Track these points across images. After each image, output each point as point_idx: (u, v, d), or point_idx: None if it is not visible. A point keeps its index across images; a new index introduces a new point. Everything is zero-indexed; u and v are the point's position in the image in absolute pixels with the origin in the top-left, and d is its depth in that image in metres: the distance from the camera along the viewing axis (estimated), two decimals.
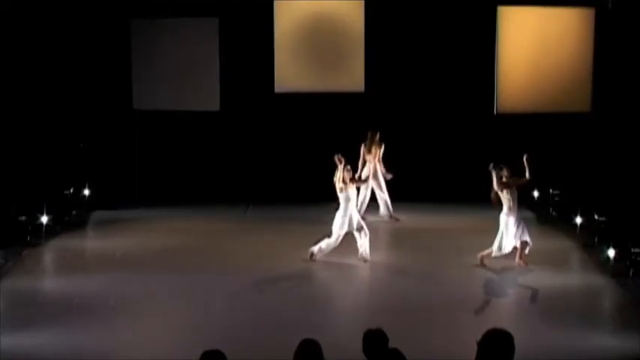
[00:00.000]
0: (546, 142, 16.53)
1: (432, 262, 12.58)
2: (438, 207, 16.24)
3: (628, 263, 11.93)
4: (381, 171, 15.32)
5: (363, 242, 12.33)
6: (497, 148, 16.67)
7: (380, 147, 15.34)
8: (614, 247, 12.20)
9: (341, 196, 12.34)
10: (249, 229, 14.97)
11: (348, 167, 12.51)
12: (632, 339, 9.16)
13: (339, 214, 12.35)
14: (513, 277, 11.70)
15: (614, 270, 11.87)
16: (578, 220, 14.26)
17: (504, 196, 12.05)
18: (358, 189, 13.61)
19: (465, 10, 16.64)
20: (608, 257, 12.22)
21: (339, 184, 12.28)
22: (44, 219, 14.06)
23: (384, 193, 15.43)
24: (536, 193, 16.25)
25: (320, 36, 16.84)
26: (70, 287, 11.33)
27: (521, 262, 12.02)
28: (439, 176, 16.83)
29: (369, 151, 15.34)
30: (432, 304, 10.72)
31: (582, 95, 16.58)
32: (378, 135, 15.35)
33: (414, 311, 10.63)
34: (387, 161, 15.46)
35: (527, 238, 11.99)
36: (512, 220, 11.98)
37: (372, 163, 15.35)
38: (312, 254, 12.40)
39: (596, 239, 13.46)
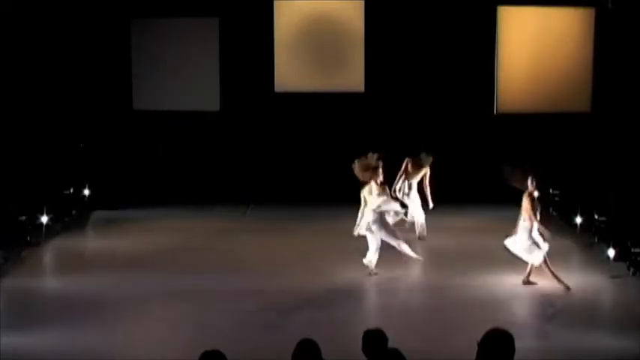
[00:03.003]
0: (546, 142, 16.54)
1: (432, 262, 12.57)
2: (438, 207, 16.20)
3: (628, 263, 11.93)
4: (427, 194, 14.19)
5: (371, 248, 11.90)
6: (497, 148, 16.74)
7: (423, 169, 14.22)
8: (614, 247, 12.20)
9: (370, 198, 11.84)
10: (250, 229, 14.97)
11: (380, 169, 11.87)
12: (632, 339, 9.16)
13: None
14: (514, 278, 11.67)
15: (614, 270, 11.86)
16: (578, 220, 14.27)
17: (524, 205, 11.34)
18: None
19: (465, 10, 16.65)
20: (608, 257, 12.22)
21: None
22: (44, 219, 14.06)
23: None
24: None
25: (320, 36, 16.85)
26: (70, 287, 11.33)
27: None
28: (439, 176, 16.80)
29: (416, 172, 14.15)
30: (431, 304, 10.72)
31: (582, 95, 16.59)
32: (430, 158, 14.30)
33: (415, 311, 10.65)
34: (390, 163, 15.15)
35: (533, 259, 11.26)
36: (526, 230, 11.21)
37: (409, 182, 14.20)
38: (369, 270, 11.87)
39: (596, 239, 13.47)
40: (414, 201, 14.10)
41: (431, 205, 14.10)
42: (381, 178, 11.85)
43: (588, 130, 16.41)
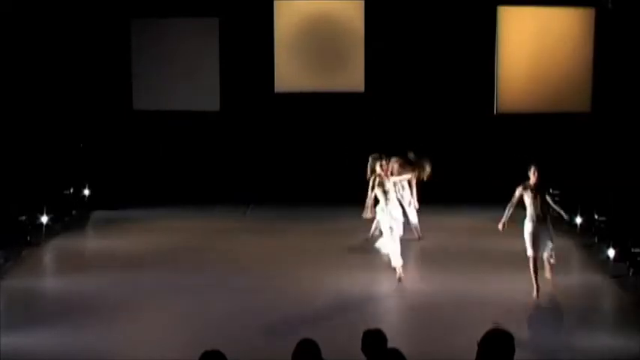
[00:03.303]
0: (546, 142, 16.54)
1: (431, 263, 12.57)
2: (438, 207, 16.20)
3: (628, 263, 11.93)
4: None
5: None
6: (497, 148, 16.75)
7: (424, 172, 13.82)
8: (614, 247, 12.20)
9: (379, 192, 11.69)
10: (250, 229, 14.97)
11: (383, 163, 11.74)
12: (632, 339, 9.17)
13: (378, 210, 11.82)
14: (513, 277, 11.68)
15: (614, 270, 11.87)
16: (578, 220, 14.27)
17: (526, 200, 10.77)
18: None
19: (465, 10, 16.64)
20: (608, 257, 12.22)
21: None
22: (44, 219, 14.06)
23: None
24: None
25: (320, 36, 16.84)
26: (70, 287, 11.34)
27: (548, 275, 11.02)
28: (439, 176, 16.80)
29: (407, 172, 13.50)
30: (431, 304, 10.71)
31: (582, 95, 16.59)
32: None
33: (414, 311, 10.65)
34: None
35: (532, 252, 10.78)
36: (529, 228, 10.74)
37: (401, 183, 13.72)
38: (399, 277, 11.55)
39: (596, 239, 13.47)
40: (407, 202, 13.79)
41: (416, 205, 13.85)
42: (380, 175, 11.68)
43: (588, 130, 16.41)
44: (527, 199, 10.74)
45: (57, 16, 16.03)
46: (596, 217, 14.00)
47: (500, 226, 10.93)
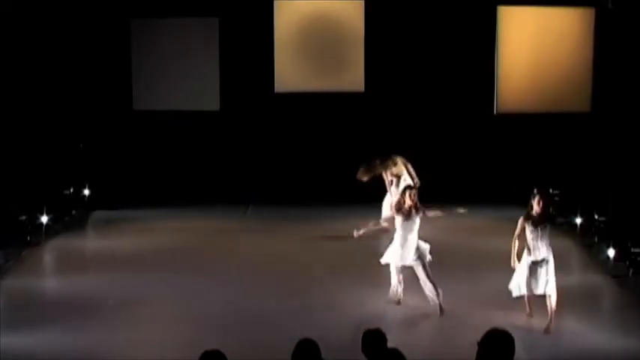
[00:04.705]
0: (546, 142, 16.55)
1: (430, 263, 12.54)
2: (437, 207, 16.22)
3: (628, 263, 11.93)
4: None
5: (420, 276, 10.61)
6: (497, 148, 16.75)
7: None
8: (614, 247, 12.20)
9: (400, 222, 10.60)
10: (250, 229, 14.97)
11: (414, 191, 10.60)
12: (632, 339, 9.17)
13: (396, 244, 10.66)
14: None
15: (614, 270, 11.87)
16: (578, 220, 14.27)
17: (527, 234, 9.69)
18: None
19: (465, 10, 16.64)
20: (608, 257, 12.22)
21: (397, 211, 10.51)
22: (44, 219, 14.07)
23: None
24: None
25: (320, 36, 16.84)
26: (70, 287, 11.34)
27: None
28: (439, 177, 16.80)
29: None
30: (431, 304, 10.71)
31: (582, 95, 16.58)
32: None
33: (414, 310, 10.63)
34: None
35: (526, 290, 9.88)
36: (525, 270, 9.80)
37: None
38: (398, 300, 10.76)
39: (596, 239, 13.47)
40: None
41: None
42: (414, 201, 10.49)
43: (588, 130, 16.41)
44: (529, 233, 9.58)
45: (57, 16, 16.02)
46: (596, 217, 14.00)
47: (512, 264, 9.97)
